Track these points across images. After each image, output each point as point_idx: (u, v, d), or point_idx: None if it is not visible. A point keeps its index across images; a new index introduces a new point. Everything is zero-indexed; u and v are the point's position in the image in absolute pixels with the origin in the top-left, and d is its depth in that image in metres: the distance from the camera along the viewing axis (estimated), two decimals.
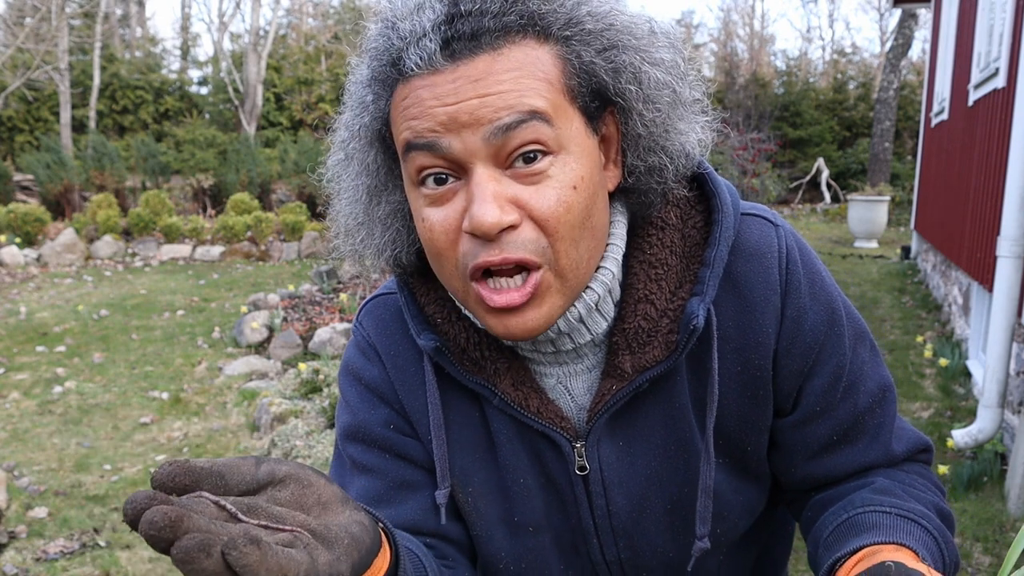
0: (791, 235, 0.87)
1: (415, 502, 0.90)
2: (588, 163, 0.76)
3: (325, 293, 7.81)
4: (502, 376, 0.86)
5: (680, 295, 0.83)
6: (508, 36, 0.72)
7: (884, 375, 0.91)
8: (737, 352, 0.85)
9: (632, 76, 0.75)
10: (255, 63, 20.90)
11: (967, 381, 4.87)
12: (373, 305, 0.96)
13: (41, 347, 6.64)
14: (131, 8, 25.95)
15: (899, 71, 15.97)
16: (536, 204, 0.73)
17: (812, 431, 0.89)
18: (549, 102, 0.72)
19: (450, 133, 0.72)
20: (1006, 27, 4.57)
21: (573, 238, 0.75)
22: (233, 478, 0.56)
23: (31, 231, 11.72)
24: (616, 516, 0.90)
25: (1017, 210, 3.69)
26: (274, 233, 12.45)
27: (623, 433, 0.88)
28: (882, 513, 0.79)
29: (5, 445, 4.50)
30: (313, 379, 4.98)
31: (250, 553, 0.48)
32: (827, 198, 15.89)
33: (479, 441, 0.90)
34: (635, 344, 0.83)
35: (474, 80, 0.71)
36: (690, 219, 0.86)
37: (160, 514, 0.46)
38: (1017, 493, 3.21)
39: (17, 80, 17.79)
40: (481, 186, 0.72)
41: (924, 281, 8.13)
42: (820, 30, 42.72)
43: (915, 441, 0.93)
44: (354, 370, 0.94)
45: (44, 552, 3.24)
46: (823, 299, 0.86)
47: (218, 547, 0.47)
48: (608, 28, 0.75)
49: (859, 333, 0.90)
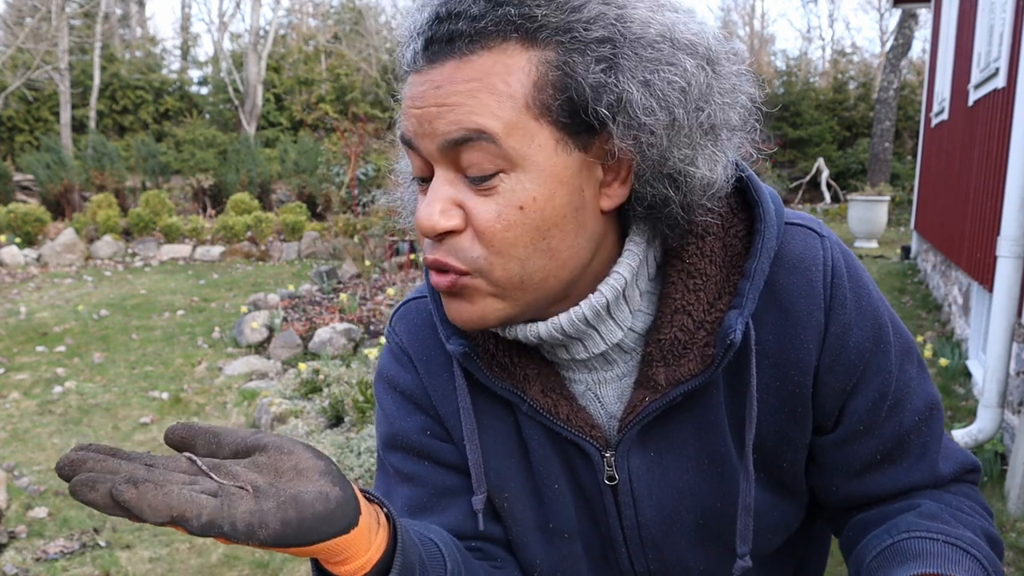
0: (837, 247, 0.83)
1: (457, 508, 0.90)
2: (549, 183, 0.71)
3: (325, 293, 7.81)
4: (531, 382, 0.85)
5: (719, 307, 0.80)
6: (484, 41, 0.69)
7: (932, 392, 0.88)
8: (776, 367, 0.82)
9: (616, 98, 0.69)
10: (255, 63, 20.89)
11: (967, 381, 4.87)
12: (405, 310, 0.96)
13: (41, 347, 6.64)
14: (131, 8, 25.95)
15: (899, 71, 15.97)
16: (476, 215, 0.72)
17: (854, 450, 0.85)
18: (502, 119, 0.69)
19: (418, 137, 0.73)
20: (1006, 27, 4.57)
21: (516, 256, 0.72)
22: (226, 439, 0.65)
23: (31, 231, 11.73)
24: (645, 528, 0.88)
25: (1017, 210, 3.69)
26: (274, 233, 12.45)
27: (655, 445, 0.85)
28: (930, 540, 0.77)
29: (5, 445, 4.50)
30: (313, 379, 4.98)
31: (125, 491, 0.56)
32: (827, 198, 15.88)
33: (512, 447, 0.89)
34: (670, 356, 0.80)
35: (436, 86, 0.70)
36: (732, 227, 0.82)
37: (66, 459, 0.58)
38: (1017, 493, 3.21)
39: (17, 80, 17.79)
40: (432, 189, 0.73)
41: (924, 281, 8.13)
42: (820, 30, 42.75)
43: (963, 461, 0.89)
44: (389, 377, 0.94)
45: (44, 552, 3.24)
46: (869, 314, 0.82)
47: (105, 484, 0.56)
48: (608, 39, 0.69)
49: (906, 349, 0.86)
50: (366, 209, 10.77)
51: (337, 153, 12.30)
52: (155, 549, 3.28)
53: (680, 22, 0.72)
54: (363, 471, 3.76)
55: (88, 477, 0.57)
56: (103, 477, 0.57)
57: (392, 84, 0.88)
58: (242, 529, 0.59)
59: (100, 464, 0.58)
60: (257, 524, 0.59)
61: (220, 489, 0.60)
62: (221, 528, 0.58)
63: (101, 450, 0.60)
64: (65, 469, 0.57)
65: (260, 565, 3.16)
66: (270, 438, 0.65)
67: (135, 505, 0.56)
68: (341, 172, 11.88)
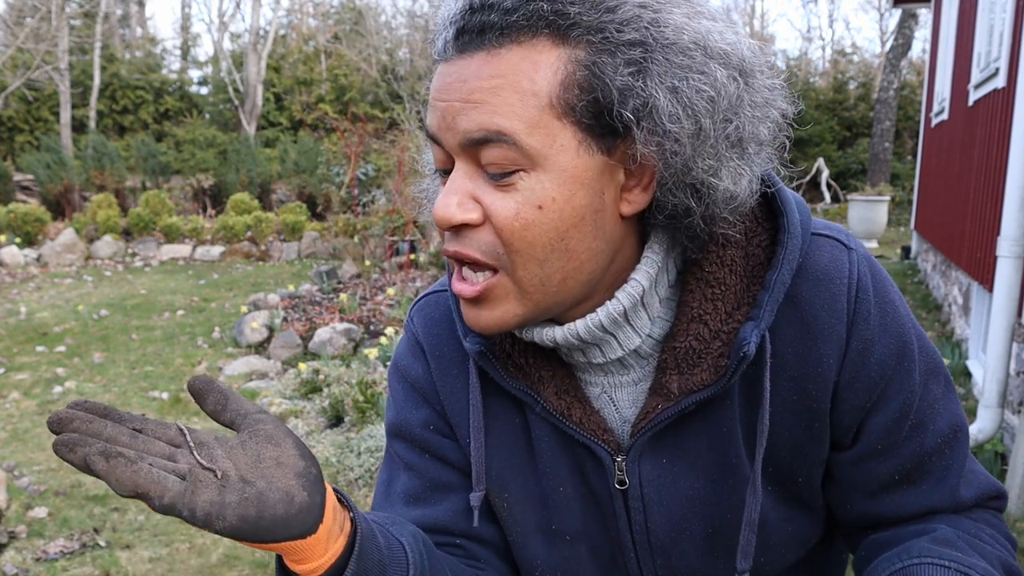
0: (865, 260, 0.81)
1: (448, 503, 0.91)
2: (570, 184, 0.70)
3: (325, 293, 7.81)
4: (546, 383, 0.85)
5: (736, 317, 0.78)
6: (515, 35, 0.69)
7: (957, 414, 0.85)
8: (794, 381, 0.80)
9: (642, 102, 0.68)
10: (255, 63, 20.90)
11: (967, 381, 4.87)
12: (424, 303, 0.96)
13: (41, 347, 6.64)
14: (131, 8, 25.95)
15: (899, 71, 15.96)
16: (494, 212, 0.72)
17: (872, 468, 0.84)
18: (524, 119, 0.69)
19: (441, 131, 0.73)
20: (1006, 27, 4.57)
21: (535, 256, 0.72)
22: (231, 405, 0.69)
23: (31, 231, 11.73)
24: (654, 534, 0.87)
25: (1017, 210, 3.69)
26: (274, 233, 12.45)
27: (667, 452, 0.84)
28: (940, 567, 0.75)
29: (5, 445, 4.50)
30: (313, 379, 4.98)
31: (97, 462, 0.59)
32: (827, 198, 15.87)
33: (519, 447, 0.89)
34: (684, 364, 0.79)
35: (462, 80, 0.71)
36: (755, 236, 0.80)
37: (56, 416, 0.61)
38: (1017, 493, 3.22)
39: (17, 80, 17.79)
40: (452, 180, 0.73)
41: (924, 281, 8.13)
42: (820, 30, 42.70)
43: (986, 487, 0.87)
44: (402, 367, 0.95)
45: (44, 552, 3.24)
46: (894, 331, 0.80)
47: (83, 449, 0.59)
48: (640, 42, 0.68)
49: (933, 368, 0.84)
50: (366, 209, 10.77)
51: (337, 153, 12.30)
52: (155, 549, 3.28)
53: (715, 31, 0.71)
54: (363, 471, 3.76)
55: (70, 438, 0.60)
56: (83, 440, 0.60)
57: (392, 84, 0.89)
58: (200, 517, 0.61)
59: (86, 425, 0.61)
60: (215, 515, 0.62)
61: (189, 473, 0.62)
62: (181, 513, 0.61)
63: (93, 409, 0.63)
64: (54, 425, 0.61)
65: (260, 565, 3.16)
66: (267, 424, 0.69)
67: (104, 477, 0.59)
68: (341, 172, 11.88)
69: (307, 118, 20.04)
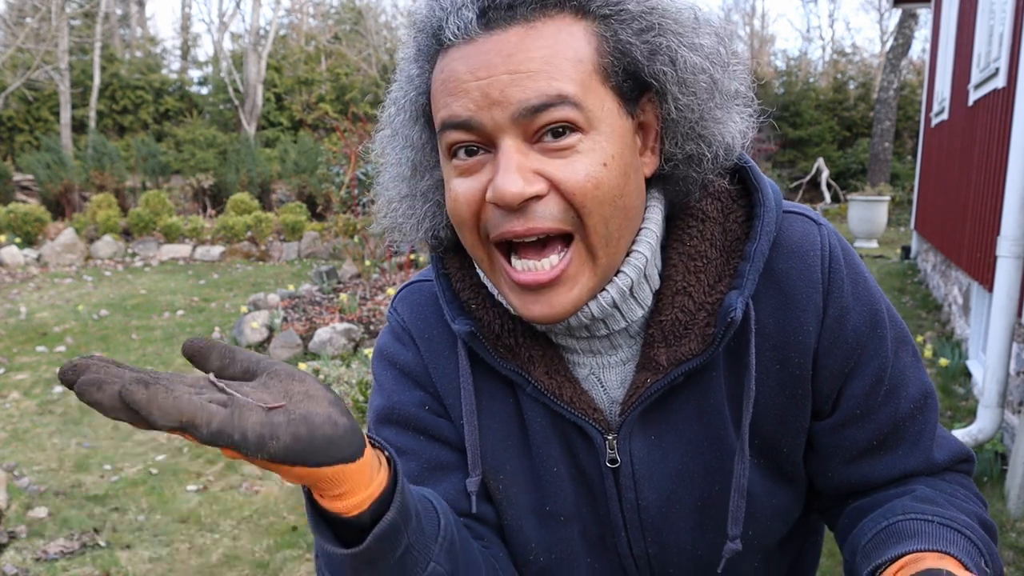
0: (834, 235, 0.86)
1: (448, 483, 0.90)
2: (620, 143, 0.75)
3: (325, 293, 7.81)
4: (536, 363, 0.86)
5: (719, 289, 0.82)
6: (544, 9, 0.72)
7: (926, 381, 0.90)
8: (776, 349, 0.84)
9: (668, 59, 0.75)
10: (255, 63, 20.90)
11: (967, 381, 4.87)
12: (408, 291, 0.97)
13: (41, 347, 6.64)
14: (131, 8, 25.95)
15: (899, 71, 15.97)
16: (564, 177, 0.73)
17: (851, 435, 0.87)
18: (579, 83, 0.72)
19: (481, 111, 0.73)
20: (1006, 27, 4.57)
21: (603, 215, 0.74)
22: (240, 356, 0.65)
23: (31, 231, 11.73)
24: (645, 511, 0.89)
25: (1017, 210, 3.69)
26: (274, 233, 12.45)
27: (656, 427, 0.87)
28: (924, 521, 0.78)
29: (5, 445, 4.50)
30: None
31: (136, 391, 0.53)
32: (827, 198, 15.88)
33: (512, 429, 0.90)
34: (671, 336, 0.82)
35: (506, 54, 0.71)
36: (732, 213, 0.85)
37: (69, 364, 0.56)
38: (1017, 493, 3.22)
39: (17, 80, 17.79)
40: (507, 157, 0.73)
41: (924, 281, 8.13)
42: (820, 30, 42.72)
43: (956, 451, 0.91)
44: (388, 355, 0.94)
45: (44, 552, 3.24)
46: (866, 300, 0.85)
47: (114, 384, 0.54)
48: (649, 11, 0.75)
49: (901, 337, 0.88)
50: (366, 209, 10.76)
51: (337, 153, 12.28)
52: (155, 549, 3.28)
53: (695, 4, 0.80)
54: None
55: (94, 377, 0.54)
56: (111, 378, 0.54)
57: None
58: (252, 440, 0.57)
59: (105, 369, 0.56)
60: (268, 435, 0.58)
61: (231, 400, 0.58)
62: (231, 437, 0.56)
63: (105, 360, 0.58)
64: (69, 373, 0.54)
65: (260, 565, 3.16)
66: (282, 365, 0.66)
67: (144, 406, 0.53)
68: (341, 172, 11.87)
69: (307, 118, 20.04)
